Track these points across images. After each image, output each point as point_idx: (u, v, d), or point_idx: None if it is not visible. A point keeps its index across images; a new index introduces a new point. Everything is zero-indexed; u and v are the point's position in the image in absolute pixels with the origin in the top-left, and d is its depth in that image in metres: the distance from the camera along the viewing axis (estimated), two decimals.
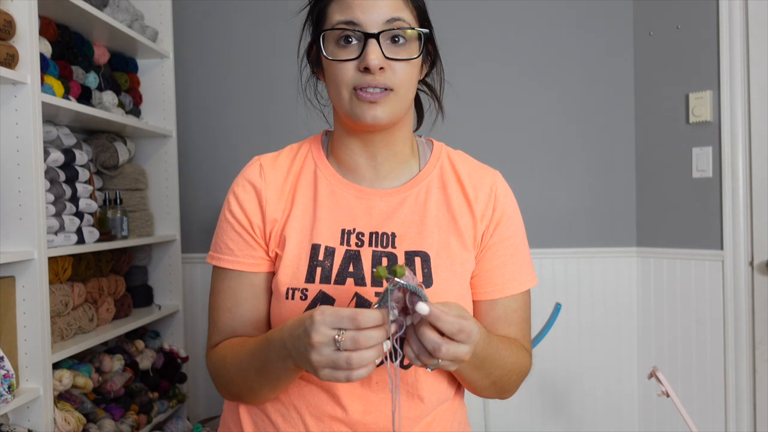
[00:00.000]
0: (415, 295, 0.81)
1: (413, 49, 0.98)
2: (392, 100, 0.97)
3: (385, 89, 0.96)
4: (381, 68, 0.95)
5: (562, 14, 2.66)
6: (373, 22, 0.95)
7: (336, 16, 0.97)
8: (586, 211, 2.68)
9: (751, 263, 2.33)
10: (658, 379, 1.72)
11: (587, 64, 2.67)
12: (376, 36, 0.95)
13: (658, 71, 2.57)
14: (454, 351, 0.82)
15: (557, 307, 2.25)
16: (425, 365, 0.85)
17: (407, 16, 0.97)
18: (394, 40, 0.97)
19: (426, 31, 0.99)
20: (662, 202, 2.58)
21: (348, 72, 0.96)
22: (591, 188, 2.68)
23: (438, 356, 0.82)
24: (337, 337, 0.80)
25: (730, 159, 2.34)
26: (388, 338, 0.83)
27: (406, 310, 0.84)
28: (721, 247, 2.38)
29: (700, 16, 2.41)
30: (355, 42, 0.96)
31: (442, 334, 0.82)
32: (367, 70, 0.95)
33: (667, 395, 1.70)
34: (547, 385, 2.69)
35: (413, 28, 0.98)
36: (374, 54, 0.94)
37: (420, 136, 1.15)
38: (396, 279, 0.81)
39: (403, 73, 0.97)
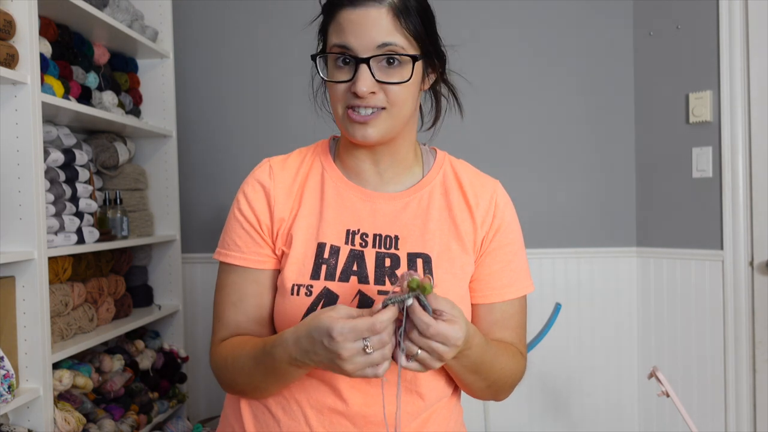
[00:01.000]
0: (410, 298, 0.88)
1: (407, 72, 1.00)
2: (384, 119, 1.00)
3: (374, 111, 1.00)
4: (372, 92, 0.98)
5: (562, 14, 2.66)
6: (364, 47, 0.97)
7: (333, 38, 1.00)
8: (586, 211, 2.68)
9: (751, 263, 2.33)
10: (658, 379, 1.72)
11: (587, 64, 2.67)
12: (367, 61, 0.97)
13: (658, 71, 2.57)
14: (428, 344, 0.87)
15: (557, 307, 2.25)
16: (408, 356, 0.89)
17: (400, 40, 0.98)
18: (389, 62, 0.99)
19: (416, 55, 1.00)
20: (662, 202, 2.58)
21: (341, 93, 1.00)
22: (591, 188, 2.68)
23: (414, 341, 0.87)
24: (367, 349, 0.85)
25: (730, 159, 2.34)
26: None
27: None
28: (721, 247, 2.38)
29: (700, 16, 2.41)
30: (350, 64, 0.99)
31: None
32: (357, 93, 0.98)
33: (667, 395, 1.70)
34: (547, 385, 2.69)
35: (405, 54, 0.99)
36: (363, 81, 0.97)
37: (424, 144, 1.18)
38: (420, 295, 0.87)
39: (395, 95, 1.00)
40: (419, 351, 0.87)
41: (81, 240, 2.06)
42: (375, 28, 0.97)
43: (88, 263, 2.18)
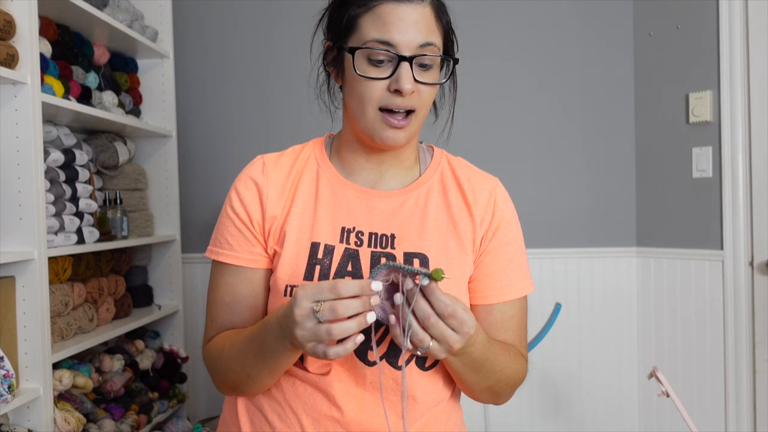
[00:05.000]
0: (415, 275, 0.85)
1: (437, 72, 1.01)
2: (413, 123, 1.00)
3: (409, 112, 0.99)
4: (413, 91, 0.97)
5: (562, 14, 2.66)
6: (407, 45, 0.95)
7: (371, 32, 0.96)
8: (586, 211, 2.68)
9: (751, 263, 2.33)
10: (658, 379, 1.72)
11: (587, 64, 2.67)
12: (410, 60, 0.95)
13: (658, 71, 2.57)
14: (442, 330, 0.86)
15: (557, 307, 2.25)
16: (416, 347, 0.87)
17: (438, 41, 0.99)
18: (422, 63, 0.98)
19: (456, 59, 1.02)
20: (662, 202, 2.58)
21: (376, 91, 0.97)
22: (591, 188, 2.68)
23: (428, 328, 0.85)
24: (315, 307, 0.83)
25: (730, 159, 2.34)
26: (371, 310, 0.86)
27: (394, 292, 0.88)
28: (721, 247, 2.38)
29: (700, 16, 2.41)
30: (387, 61, 0.96)
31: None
32: (397, 91, 0.96)
33: (667, 395, 1.70)
34: (547, 385, 2.69)
35: (449, 57, 1.01)
36: (407, 78, 0.95)
37: (421, 143, 1.16)
38: (391, 262, 0.86)
39: (426, 96, 0.99)
40: (431, 343, 0.86)
41: (81, 240, 2.06)
42: (420, 25, 0.96)
43: (88, 263, 2.18)
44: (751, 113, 2.30)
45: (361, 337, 0.86)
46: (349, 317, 0.84)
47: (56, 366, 1.96)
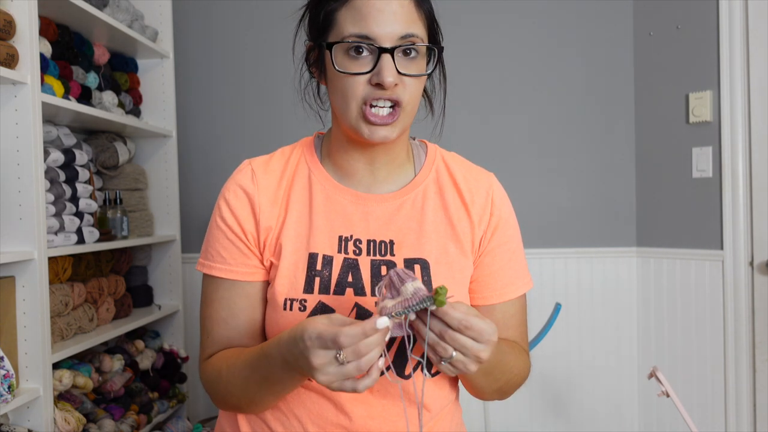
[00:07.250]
0: (422, 304, 0.82)
1: (423, 63, 0.97)
2: (401, 117, 0.95)
3: (394, 106, 0.94)
4: (395, 84, 0.92)
5: (562, 14, 2.66)
6: (387, 37, 0.91)
7: (348, 26, 0.93)
8: (586, 211, 2.68)
9: (751, 263, 2.33)
10: (658, 379, 1.72)
11: (587, 64, 2.67)
12: (391, 51, 0.91)
13: (658, 71, 2.57)
14: (463, 342, 0.82)
15: (557, 307, 2.25)
16: (440, 359, 0.84)
17: (420, 31, 0.94)
18: (405, 52, 0.93)
19: (441, 47, 0.98)
20: (662, 202, 2.58)
21: (358, 86, 0.93)
22: (591, 188, 2.68)
23: (448, 342, 0.82)
24: (338, 356, 0.79)
25: (730, 159, 2.34)
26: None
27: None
28: (721, 247, 2.38)
29: (700, 16, 2.41)
30: (366, 54, 0.92)
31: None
32: (379, 85, 0.92)
33: (667, 395, 1.70)
34: (548, 385, 2.69)
35: (434, 46, 0.97)
36: (388, 70, 0.91)
37: (413, 139, 1.12)
38: (398, 310, 0.82)
39: (413, 88, 0.95)
40: (454, 353, 0.82)
41: (81, 240, 2.06)
42: (399, 15, 0.92)
43: (88, 263, 2.18)
44: (751, 113, 2.30)
45: (383, 362, 0.83)
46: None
47: (56, 366, 1.96)
